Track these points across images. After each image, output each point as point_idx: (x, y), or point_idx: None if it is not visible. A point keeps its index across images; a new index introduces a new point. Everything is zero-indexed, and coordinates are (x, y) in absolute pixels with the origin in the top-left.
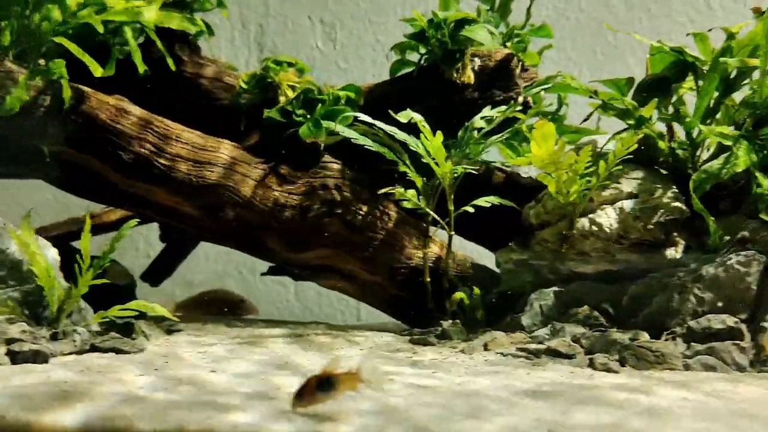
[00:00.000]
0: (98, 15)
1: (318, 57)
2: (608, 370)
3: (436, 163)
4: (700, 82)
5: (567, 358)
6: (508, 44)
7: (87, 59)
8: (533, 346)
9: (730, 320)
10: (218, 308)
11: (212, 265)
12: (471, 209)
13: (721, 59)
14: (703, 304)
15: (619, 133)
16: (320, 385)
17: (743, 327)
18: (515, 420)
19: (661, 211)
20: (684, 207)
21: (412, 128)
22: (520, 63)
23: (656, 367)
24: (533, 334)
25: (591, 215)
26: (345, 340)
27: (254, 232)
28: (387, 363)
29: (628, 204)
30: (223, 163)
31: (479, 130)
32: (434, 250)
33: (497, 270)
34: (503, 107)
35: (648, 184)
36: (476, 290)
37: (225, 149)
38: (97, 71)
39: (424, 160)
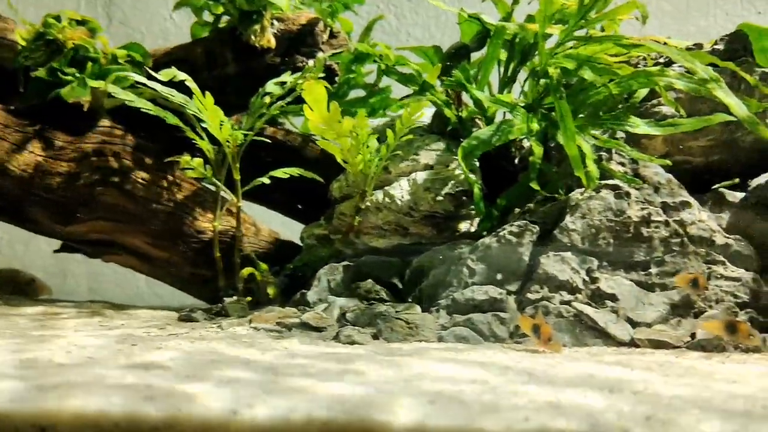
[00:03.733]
0: None
1: (171, 29)
2: (352, 342)
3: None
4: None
5: (317, 331)
6: (315, 8)
7: None
8: (291, 320)
9: (494, 291)
10: (1, 288)
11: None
12: (267, 180)
13: (499, 24)
14: (474, 276)
15: (404, 98)
16: None
17: (510, 299)
18: None
19: (452, 182)
20: (475, 178)
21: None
22: (328, 29)
23: (408, 339)
24: (315, 309)
25: (386, 187)
26: (105, 318)
27: (13, 202)
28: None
29: (421, 175)
30: None
31: (272, 95)
32: (233, 223)
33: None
34: (299, 73)
35: (446, 156)
36: (263, 266)
37: None
38: None
39: (204, 125)
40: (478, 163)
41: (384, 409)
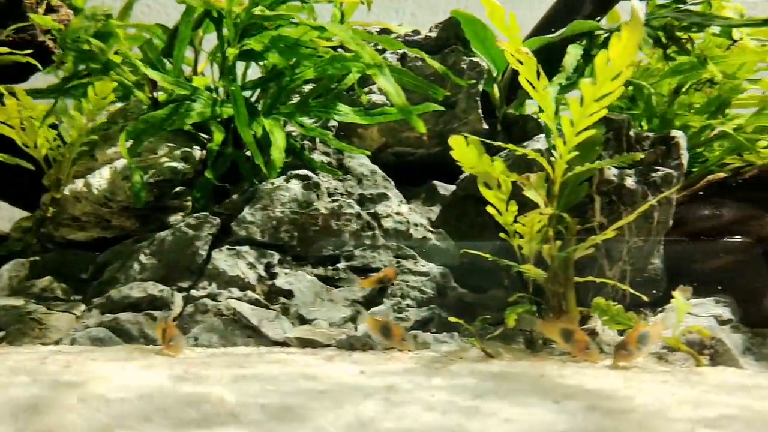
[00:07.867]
0: None
1: None
2: None
3: None
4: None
5: None
6: None
7: None
8: None
9: (154, 288)
10: None
11: None
12: None
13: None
14: (145, 272)
15: (83, 77)
16: None
17: (179, 296)
18: None
19: (153, 171)
20: (182, 167)
21: None
22: (45, 2)
23: (35, 341)
24: None
25: (88, 176)
26: None
27: None
28: None
29: (121, 163)
30: None
31: None
32: None
33: None
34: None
35: (159, 143)
36: None
37: None
38: None
39: None
40: (200, 151)
41: None
